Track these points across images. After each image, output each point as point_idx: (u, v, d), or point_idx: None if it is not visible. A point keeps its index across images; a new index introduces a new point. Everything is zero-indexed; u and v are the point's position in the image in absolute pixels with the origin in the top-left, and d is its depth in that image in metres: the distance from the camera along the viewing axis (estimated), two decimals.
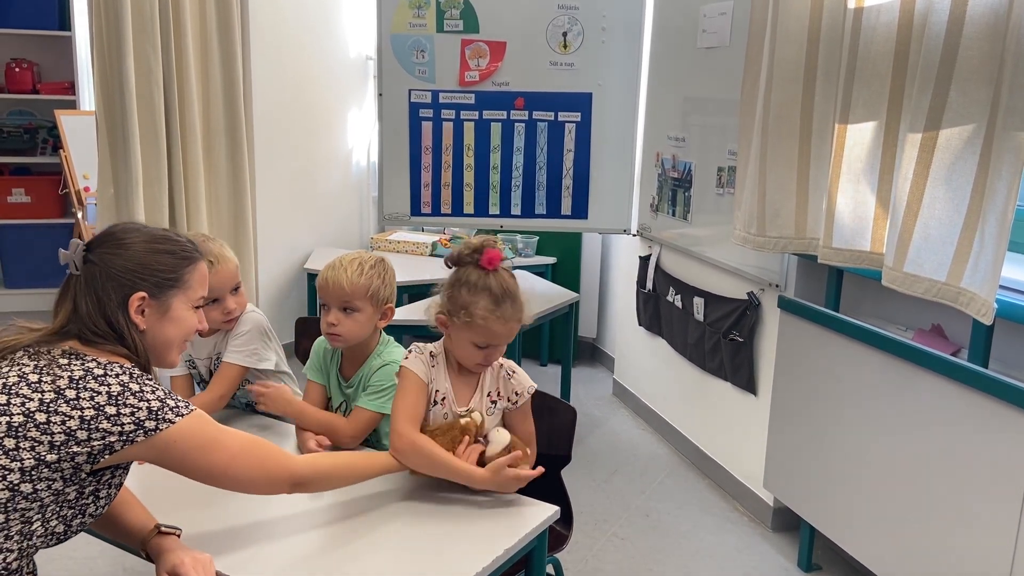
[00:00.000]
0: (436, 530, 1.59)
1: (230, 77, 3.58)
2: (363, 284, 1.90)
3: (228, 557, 1.46)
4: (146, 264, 1.43)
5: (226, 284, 2.06)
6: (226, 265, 2.06)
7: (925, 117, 1.94)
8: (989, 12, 1.80)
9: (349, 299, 1.90)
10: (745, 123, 2.63)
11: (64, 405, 1.29)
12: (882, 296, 2.50)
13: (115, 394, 1.32)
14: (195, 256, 1.51)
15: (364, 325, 1.93)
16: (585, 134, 3.68)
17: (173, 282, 1.46)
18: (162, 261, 1.45)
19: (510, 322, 1.72)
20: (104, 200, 3.31)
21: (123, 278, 1.41)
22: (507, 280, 1.74)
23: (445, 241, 4.39)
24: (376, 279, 1.93)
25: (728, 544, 2.84)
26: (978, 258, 1.86)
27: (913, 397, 2.17)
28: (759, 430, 2.88)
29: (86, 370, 1.33)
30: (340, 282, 1.90)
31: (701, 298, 3.23)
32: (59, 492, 1.32)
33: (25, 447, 1.26)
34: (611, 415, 3.95)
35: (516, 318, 1.73)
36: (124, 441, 1.31)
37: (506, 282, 1.73)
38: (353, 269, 1.92)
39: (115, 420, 1.30)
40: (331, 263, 1.95)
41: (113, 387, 1.32)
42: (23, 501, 1.28)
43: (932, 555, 2.12)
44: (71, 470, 1.31)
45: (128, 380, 1.34)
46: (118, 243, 1.43)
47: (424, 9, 3.62)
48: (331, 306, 1.92)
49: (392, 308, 1.98)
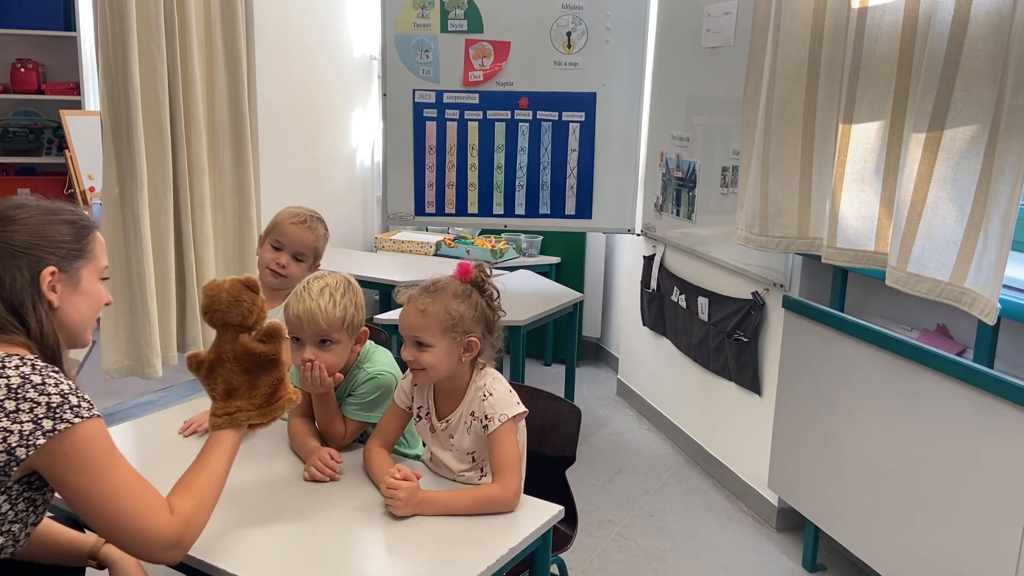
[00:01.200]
0: (440, 530, 1.59)
1: (235, 77, 3.58)
2: (339, 316, 1.78)
3: (226, 557, 1.46)
4: (48, 236, 1.33)
5: (295, 242, 2.21)
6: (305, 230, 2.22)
7: (929, 117, 1.94)
8: (993, 11, 1.80)
9: (327, 334, 1.78)
10: (748, 123, 2.62)
11: None
12: (887, 296, 2.49)
13: (15, 387, 1.21)
14: (92, 224, 1.42)
15: (342, 356, 1.83)
16: (589, 134, 3.68)
17: (79, 252, 1.37)
18: (63, 232, 1.35)
19: (416, 306, 1.69)
20: (109, 200, 3.31)
21: (28, 254, 1.31)
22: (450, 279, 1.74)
23: (449, 241, 4.39)
24: (351, 307, 1.81)
25: (732, 544, 2.84)
26: (982, 258, 1.85)
27: (918, 397, 2.16)
28: (763, 430, 2.87)
29: None
30: (315, 317, 1.75)
31: (705, 298, 3.23)
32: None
33: None
34: (615, 415, 3.95)
35: (421, 305, 1.69)
36: (26, 445, 1.20)
37: (444, 279, 1.74)
38: (325, 301, 1.77)
39: (14, 418, 1.20)
40: (296, 294, 1.80)
41: (13, 379, 1.22)
42: None
43: (937, 555, 2.11)
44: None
45: (30, 370, 1.24)
46: (11, 220, 1.33)
47: (428, 9, 3.62)
48: (306, 342, 1.78)
49: (366, 330, 1.90)
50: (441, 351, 1.69)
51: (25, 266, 1.31)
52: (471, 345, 1.70)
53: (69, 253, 1.35)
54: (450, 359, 1.71)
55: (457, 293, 1.71)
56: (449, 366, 1.71)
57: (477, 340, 1.70)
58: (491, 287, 1.76)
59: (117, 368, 3.38)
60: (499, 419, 1.68)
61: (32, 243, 1.32)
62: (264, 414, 1.50)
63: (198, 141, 3.48)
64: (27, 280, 1.30)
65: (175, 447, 1.83)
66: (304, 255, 2.23)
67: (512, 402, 1.72)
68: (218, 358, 1.49)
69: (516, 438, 1.71)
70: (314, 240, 2.24)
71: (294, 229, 2.21)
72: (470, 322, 1.70)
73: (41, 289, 1.32)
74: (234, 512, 1.61)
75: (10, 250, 1.30)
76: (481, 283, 1.74)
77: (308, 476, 1.76)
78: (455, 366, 1.72)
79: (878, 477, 2.30)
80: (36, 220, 1.34)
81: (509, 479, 1.66)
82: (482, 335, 1.73)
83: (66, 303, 1.35)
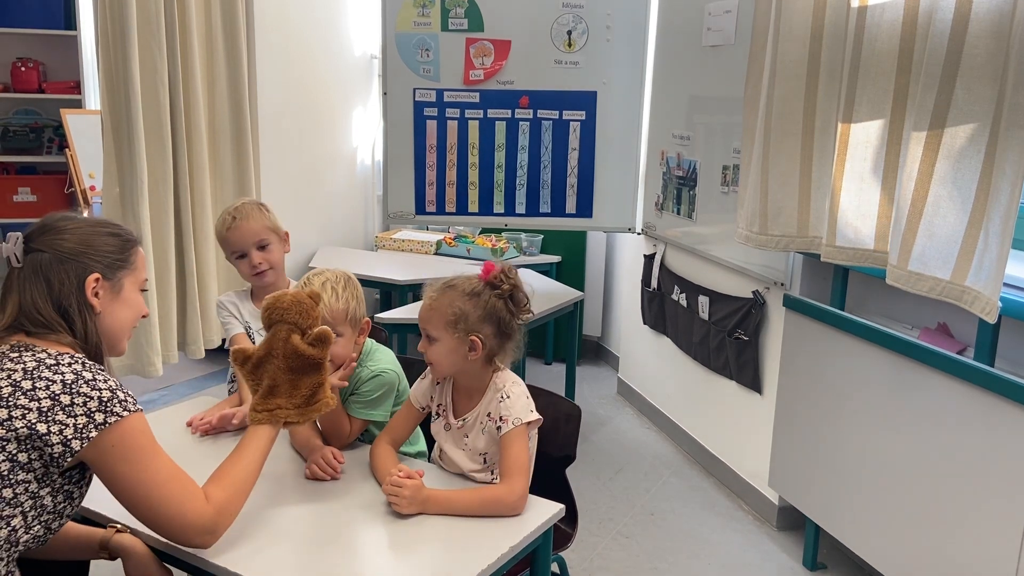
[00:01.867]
0: (441, 528, 1.59)
1: (235, 76, 3.59)
2: (342, 309, 1.81)
3: (228, 555, 1.46)
4: (94, 245, 1.43)
5: (244, 240, 2.15)
6: (240, 226, 2.14)
7: (930, 115, 1.94)
8: (994, 9, 1.80)
9: (332, 327, 1.75)
10: (748, 121, 2.62)
11: (23, 397, 1.28)
12: (888, 295, 2.49)
13: (69, 382, 1.30)
14: (135, 239, 1.52)
15: (347, 347, 1.84)
16: (590, 132, 3.68)
17: (122, 263, 1.47)
18: (109, 242, 1.45)
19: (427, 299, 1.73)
20: (110, 199, 3.32)
21: (75, 260, 1.41)
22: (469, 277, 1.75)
23: (450, 240, 4.39)
24: (352, 300, 1.85)
25: (733, 543, 2.84)
26: (983, 256, 1.85)
27: (919, 396, 2.16)
28: (764, 429, 2.87)
29: (38, 360, 1.32)
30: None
31: (706, 297, 3.23)
32: (35, 495, 1.31)
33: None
34: (616, 414, 3.95)
35: (430, 298, 1.72)
36: (81, 438, 1.29)
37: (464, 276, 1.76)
38: (328, 294, 1.81)
39: (69, 411, 1.29)
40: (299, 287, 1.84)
41: (67, 375, 1.31)
42: (6, 508, 1.28)
43: (938, 554, 2.11)
44: (42, 469, 1.30)
45: (81, 367, 1.33)
46: (60, 229, 1.43)
47: (429, 8, 3.62)
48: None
49: (368, 321, 1.92)
50: (444, 346, 1.70)
51: (72, 271, 1.41)
52: (474, 344, 1.70)
53: (113, 262, 1.46)
54: (454, 356, 1.71)
55: (466, 291, 1.72)
56: (454, 363, 1.72)
57: (479, 340, 1.70)
58: (512, 289, 1.74)
59: (118, 367, 3.39)
60: (513, 422, 1.69)
61: (80, 250, 1.42)
62: (302, 414, 1.58)
63: (199, 140, 3.49)
64: (73, 285, 1.40)
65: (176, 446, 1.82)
66: (263, 240, 2.17)
67: (528, 408, 1.72)
68: (267, 354, 1.58)
69: (527, 443, 1.72)
70: (255, 224, 2.17)
71: (232, 234, 2.17)
72: (475, 321, 1.70)
73: (85, 294, 1.41)
74: None
75: (59, 256, 1.41)
76: (497, 283, 1.73)
77: (309, 474, 1.76)
78: (461, 363, 1.72)
79: (879, 476, 2.30)
80: (84, 231, 1.44)
81: (516, 482, 1.66)
82: (493, 335, 1.72)
83: (107, 310, 1.45)
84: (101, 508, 1.59)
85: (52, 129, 5.35)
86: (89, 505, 1.59)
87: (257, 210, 2.21)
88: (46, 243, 1.41)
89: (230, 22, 3.54)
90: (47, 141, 5.38)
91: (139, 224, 3.28)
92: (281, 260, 2.22)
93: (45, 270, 1.39)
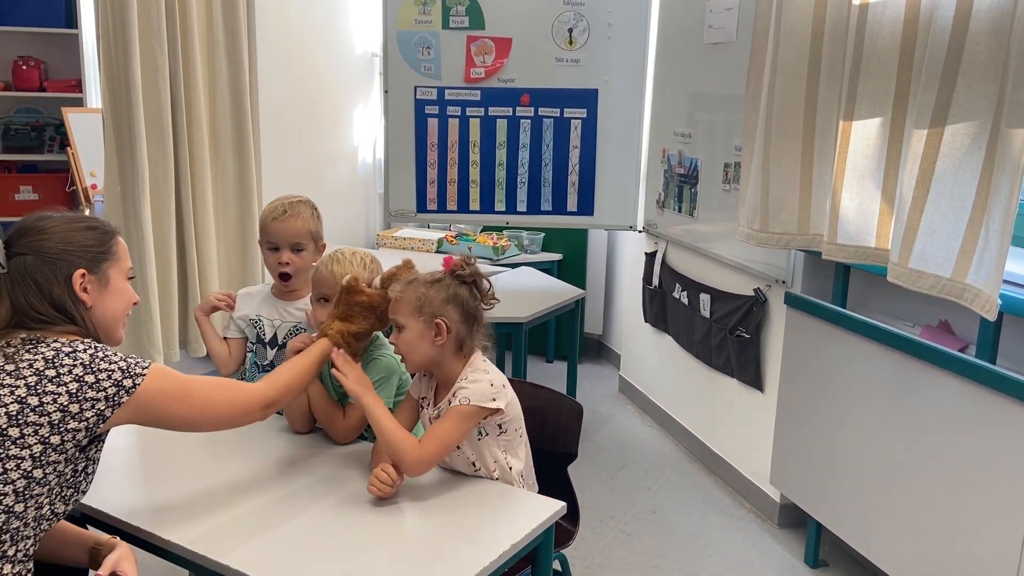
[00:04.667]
0: (442, 525, 1.59)
1: (236, 75, 3.59)
2: (369, 280, 1.89)
3: (228, 552, 1.46)
4: (75, 242, 1.46)
5: (284, 236, 2.13)
6: (287, 221, 2.13)
7: (931, 113, 1.94)
8: (995, 7, 1.79)
9: None
10: (749, 119, 2.62)
11: (49, 384, 1.33)
12: (889, 292, 2.49)
13: (87, 362, 1.36)
14: (113, 229, 1.55)
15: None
16: (591, 130, 3.68)
17: (104, 255, 1.50)
18: (88, 237, 1.48)
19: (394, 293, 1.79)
20: (111, 198, 3.32)
21: (58, 259, 1.44)
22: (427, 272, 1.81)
23: (451, 238, 4.39)
24: (377, 276, 1.92)
25: (735, 540, 2.84)
26: (983, 254, 1.85)
27: (920, 393, 2.16)
28: (766, 426, 2.87)
29: (55, 350, 1.36)
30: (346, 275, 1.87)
31: (707, 294, 3.23)
32: (61, 474, 1.36)
33: (29, 433, 1.30)
34: (617, 412, 3.95)
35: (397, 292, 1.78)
36: (113, 405, 1.37)
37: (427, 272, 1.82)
38: (358, 263, 1.93)
39: (97, 387, 1.36)
40: (332, 256, 1.95)
41: (84, 357, 1.37)
42: (37, 487, 1.33)
43: (939, 551, 2.12)
44: (74, 450, 1.36)
45: (94, 350, 1.39)
46: (40, 230, 1.45)
47: (430, 6, 3.62)
48: (333, 300, 1.88)
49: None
50: (412, 333, 1.74)
51: (58, 270, 1.44)
52: (439, 328, 1.73)
53: (96, 256, 1.48)
54: (423, 341, 1.74)
55: (427, 280, 1.77)
56: (423, 350, 1.75)
57: (444, 323, 1.73)
58: (472, 276, 1.79)
59: None
60: (460, 400, 1.70)
61: (61, 248, 1.45)
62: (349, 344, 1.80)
63: (200, 139, 3.48)
64: (62, 283, 1.44)
65: (177, 444, 1.83)
66: (300, 244, 2.16)
67: (486, 395, 1.72)
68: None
69: (464, 426, 1.71)
70: (302, 226, 2.16)
71: (277, 225, 2.15)
72: (438, 304, 1.74)
73: (75, 290, 1.44)
74: (234, 509, 1.62)
75: (43, 257, 1.43)
76: (458, 270, 1.78)
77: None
78: (430, 350, 1.75)
79: (880, 473, 2.30)
80: (63, 228, 1.47)
81: (428, 446, 1.68)
82: (458, 320, 1.75)
83: (98, 302, 1.48)
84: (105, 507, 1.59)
85: (53, 127, 5.35)
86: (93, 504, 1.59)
87: (309, 212, 2.19)
88: (27, 245, 1.44)
89: (231, 20, 3.54)
90: (48, 139, 5.37)
91: (141, 222, 3.28)
92: (309, 266, 2.17)
93: (32, 272, 1.42)
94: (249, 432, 1.93)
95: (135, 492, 1.71)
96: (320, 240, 2.20)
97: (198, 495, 1.66)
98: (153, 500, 1.66)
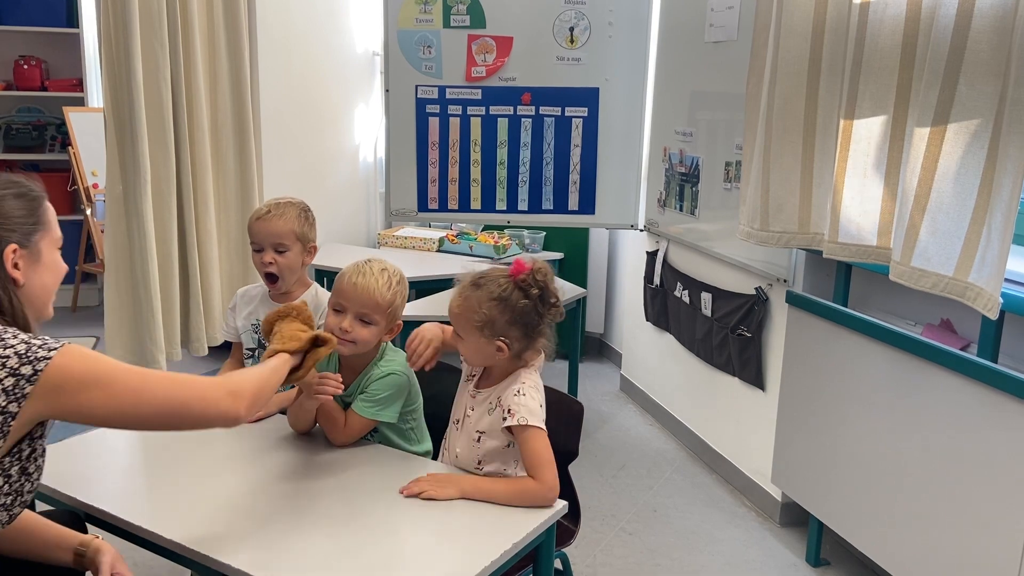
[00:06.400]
0: (443, 524, 1.59)
1: (237, 74, 3.59)
2: (388, 299, 1.84)
3: (228, 552, 1.46)
4: (3, 214, 1.33)
5: (266, 235, 2.10)
6: (270, 221, 2.10)
7: (933, 111, 1.93)
8: (997, 5, 1.79)
9: (371, 311, 1.83)
10: (750, 118, 2.62)
11: None
12: (891, 291, 2.49)
13: None
14: (41, 193, 1.42)
15: (375, 337, 1.87)
16: (592, 129, 3.68)
17: (35, 225, 1.37)
18: (17, 207, 1.35)
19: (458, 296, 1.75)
20: (113, 197, 3.32)
21: None
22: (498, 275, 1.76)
23: (452, 237, 4.38)
24: (399, 297, 1.88)
25: (736, 539, 2.84)
26: (985, 252, 1.85)
27: (922, 392, 2.16)
28: (767, 425, 2.87)
29: None
30: (369, 290, 1.82)
31: (709, 293, 3.23)
32: None
33: None
34: (618, 410, 3.95)
35: (461, 296, 1.74)
36: (15, 399, 1.21)
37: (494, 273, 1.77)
38: (384, 281, 1.84)
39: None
40: (358, 267, 1.88)
41: None
42: None
43: (941, 550, 2.11)
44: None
45: None
46: None
47: (431, 4, 3.61)
48: (349, 312, 1.83)
49: (400, 325, 1.93)
50: (471, 345, 1.74)
51: None
52: (501, 348, 1.72)
53: (27, 228, 1.35)
54: (481, 355, 1.75)
55: (494, 295, 1.71)
56: (482, 360, 1.77)
57: (505, 345, 1.71)
58: (543, 290, 1.74)
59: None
60: (519, 420, 1.69)
61: None
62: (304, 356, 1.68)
63: (201, 138, 3.49)
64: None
65: (178, 443, 1.84)
66: (283, 244, 2.12)
67: (538, 416, 1.72)
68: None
69: (547, 441, 1.72)
70: (284, 225, 2.11)
71: (259, 225, 2.12)
72: (503, 325, 1.71)
73: (6, 268, 1.32)
74: (232, 508, 1.62)
75: None
76: (526, 287, 1.72)
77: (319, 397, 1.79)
78: (490, 360, 1.76)
79: (882, 472, 2.30)
80: None
81: (546, 474, 1.67)
82: (519, 337, 1.73)
83: (30, 278, 1.36)
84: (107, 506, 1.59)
85: (55, 127, 5.36)
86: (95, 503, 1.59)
87: (295, 213, 2.15)
88: None
89: (232, 19, 3.54)
90: (50, 139, 5.38)
91: (142, 222, 3.28)
92: (296, 266, 2.16)
93: None
94: (249, 432, 1.94)
95: (137, 491, 1.72)
96: (309, 242, 2.17)
97: (199, 494, 1.66)
98: (155, 499, 1.66)
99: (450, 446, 1.87)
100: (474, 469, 1.78)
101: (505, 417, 1.71)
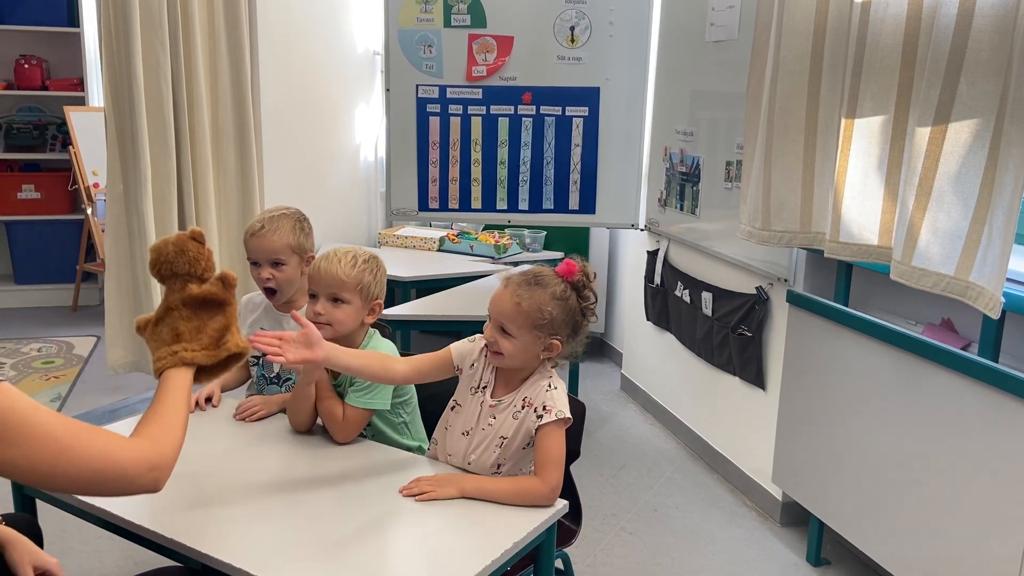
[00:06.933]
0: (444, 523, 1.59)
1: (238, 73, 3.59)
2: (354, 276, 1.91)
3: (227, 552, 1.46)
4: None
5: (261, 252, 2.11)
6: (264, 237, 2.11)
7: (934, 111, 1.93)
8: (999, 4, 1.79)
9: (338, 290, 1.90)
10: (751, 117, 2.62)
11: None
12: (892, 290, 2.49)
13: None
14: None
15: (351, 317, 1.92)
16: (593, 128, 3.68)
17: None
18: None
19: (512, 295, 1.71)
20: (113, 196, 3.32)
21: None
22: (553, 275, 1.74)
23: (453, 236, 4.38)
24: (368, 274, 1.93)
25: (736, 539, 2.84)
26: (986, 252, 1.85)
27: (922, 392, 2.16)
28: (768, 425, 2.87)
29: None
30: (332, 272, 1.90)
31: (709, 293, 3.22)
32: None
33: None
34: (619, 410, 3.95)
35: (518, 296, 1.70)
36: None
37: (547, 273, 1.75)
38: (347, 261, 1.92)
39: None
40: (325, 254, 1.97)
41: None
42: None
43: (942, 549, 2.11)
44: None
45: None
46: None
47: (431, 4, 3.61)
48: (320, 295, 1.91)
49: (380, 304, 1.98)
50: (522, 344, 1.72)
51: None
52: (552, 347, 1.73)
53: None
54: (528, 353, 1.74)
55: (556, 294, 1.72)
56: (526, 359, 1.75)
57: (559, 344, 1.72)
58: (590, 292, 1.75)
59: (122, 364, 3.39)
60: (556, 414, 1.69)
61: None
62: (210, 356, 1.43)
63: (202, 137, 3.49)
64: None
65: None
66: (279, 259, 2.12)
67: (568, 406, 1.73)
68: (166, 310, 1.45)
69: (563, 439, 1.72)
70: (278, 240, 2.11)
71: (254, 242, 2.12)
72: (560, 325, 1.72)
73: None
74: (231, 506, 1.62)
75: None
76: (582, 287, 1.74)
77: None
78: (531, 361, 1.75)
79: (882, 472, 2.30)
80: None
81: (551, 473, 1.67)
82: (567, 337, 1.74)
83: None
84: (107, 506, 1.59)
85: (56, 126, 5.36)
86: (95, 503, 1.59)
87: (290, 226, 2.14)
88: None
89: (233, 18, 3.54)
90: (51, 138, 5.38)
91: (143, 221, 3.28)
92: (294, 279, 2.16)
93: None
94: (249, 431, 1.94)
95: None
96: (306, 253, 2.17)
97: (200, 493, 1.66)
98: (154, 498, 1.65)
99: (451, 452, 1.83)
100: (492, 473, 1.77)
101: (541, 415, 1.71)
